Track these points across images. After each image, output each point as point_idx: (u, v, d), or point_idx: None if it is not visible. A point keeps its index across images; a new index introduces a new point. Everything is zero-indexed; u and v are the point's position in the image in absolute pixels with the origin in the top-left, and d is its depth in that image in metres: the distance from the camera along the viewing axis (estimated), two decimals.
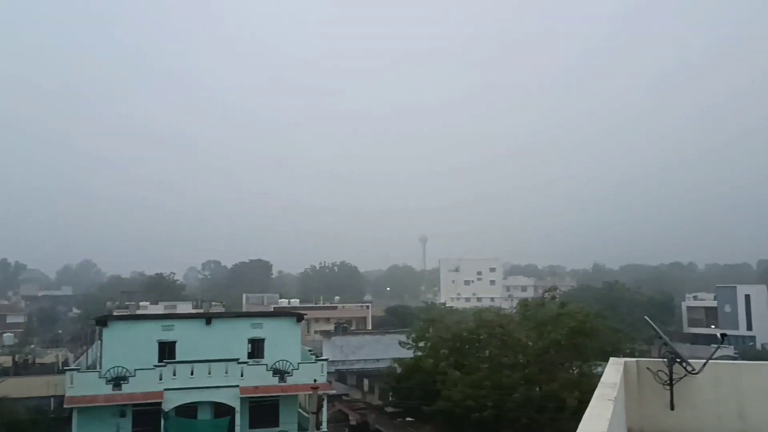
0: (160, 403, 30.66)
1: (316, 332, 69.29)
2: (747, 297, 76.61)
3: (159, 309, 67.76)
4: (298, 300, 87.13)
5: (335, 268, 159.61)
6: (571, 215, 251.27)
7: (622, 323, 56.45)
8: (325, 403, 34.11)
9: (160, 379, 31.18)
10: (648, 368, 7.14)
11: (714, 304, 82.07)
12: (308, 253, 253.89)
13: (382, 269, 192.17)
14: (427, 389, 36.16)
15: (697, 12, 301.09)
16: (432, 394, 35.18)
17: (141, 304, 70.95)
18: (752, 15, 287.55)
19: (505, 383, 32.17)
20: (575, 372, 33.84)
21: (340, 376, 52.21)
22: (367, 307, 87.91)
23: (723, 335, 11.44)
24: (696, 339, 72.25)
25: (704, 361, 6.97)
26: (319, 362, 35.33)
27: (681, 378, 6.94)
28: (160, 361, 32.34)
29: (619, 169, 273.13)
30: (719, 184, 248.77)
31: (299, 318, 37.22)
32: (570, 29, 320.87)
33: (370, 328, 75.83)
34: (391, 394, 44.08)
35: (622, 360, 7.36)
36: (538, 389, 32.74)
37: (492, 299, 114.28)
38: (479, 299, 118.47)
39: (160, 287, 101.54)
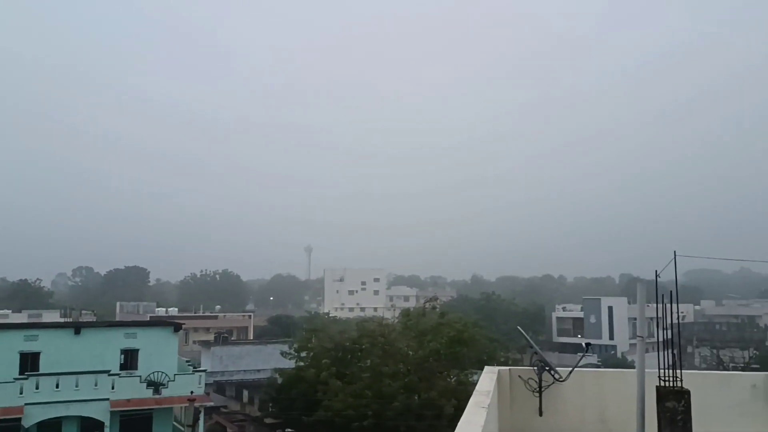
0: (19, 419, 28.61)
1: (195, 342, 67.38)
2: (610, 308, 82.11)
3: (22, 318, 63.56)
4: (176, 309, 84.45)
5: (217, 276, 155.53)
6: (453, 227, 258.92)
7: (498, 332, 58.72)
8: (202, 416, 33.10)
9: (21, 393, 29.15)
10: (520, 376, 7.53)
11: (581, 314, 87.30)
12: (189, 261, 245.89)
13: (266, 278, 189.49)
14: (308, 399, 35.96)
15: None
16: (313, 405, 35.03)
17: (1, 312, 66.17)
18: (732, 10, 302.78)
19: (386, 392, 32.58)
20: (453, 380, 34.81)
21: (219, 387, 50.91)
22: (250, 316, 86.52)
23: (587, 344, 12.29)
24: (564, 348, 76.48)
25: (570, 369, 7.44)
26: (197, 373, 34.33)
27: (549, 385, 7.38)
28: (21, 373, 30.27)
29: (495, 187, 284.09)
30: (586, 204, 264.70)
31: (177, 328, 36.02)
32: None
33: (251, 338, 74.71)
34: (271, 405, 43.45)
35: (496, 368, 7.72)
36: (417, 397, 33.37)
37: (375, 309, 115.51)
38: (363, 309, 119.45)
39: (24, 294, 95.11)
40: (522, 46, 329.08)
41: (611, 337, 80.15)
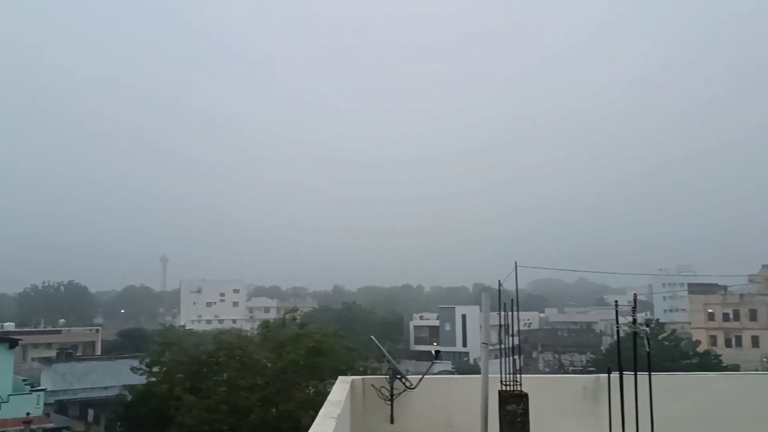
0: None
1: (34, 359, 62.27)
2: (464, 317, 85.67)
3: None
4: (13, 323, 77.74)
5: (61, 287, 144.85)
6: (315, 238, 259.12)
7: (358, 342, 59.17)
8: None
9: None
10: (372, 385, 7.64)
11: (437, 323, 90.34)
12: (30, 271, 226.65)
13: (117, 289, 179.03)
14: (159, 416, 34.30)
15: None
16: (165, 421, 33.47)
17: None
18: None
19: (243, 405, 31.85)
20: (311, 391, 34.68)
21: (61, 407, 47.28)
22: (97, 330, 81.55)
23: (437, 352, 12.73)
24: (421, 355, 78.58)
25: (420, 376, 7.66)
26: (35, 393, 31.78)
27: (400, 393, 7.55)
28: None
29: (359, 200, 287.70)
30: (442, 216, 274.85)
31: (12, 344, 33.16)
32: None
33: (99, 353, 70.47)
34: (119, 423, 40.99)
35: (349, 378, 7.79)
36: (275, 410, 32.93)
37: (234, 321, 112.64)
38: (221, 321, 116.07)
39: None
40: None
41: (465, 344, 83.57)
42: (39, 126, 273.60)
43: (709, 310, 76.74)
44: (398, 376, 7.48)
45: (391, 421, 7.49)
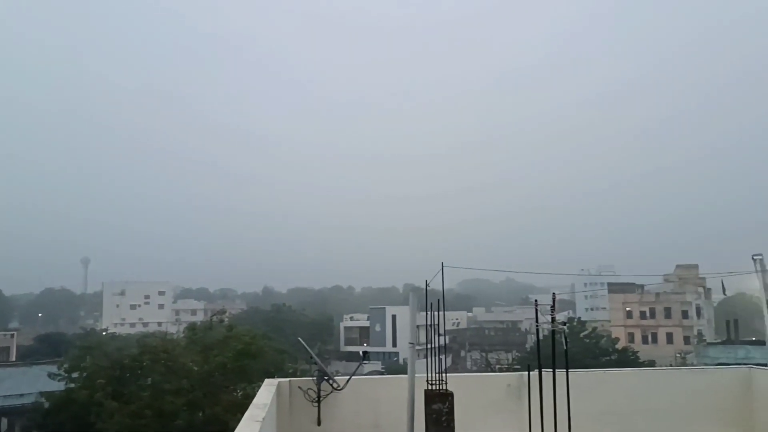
0: None
1: None
2: (394, 317, 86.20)
3: None
4: None
5: None
6: (243, 239, 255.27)
7: (288, 344, 58.75)
8: None
9: None
10: (299, 387, 7.63)
11: (367, 324, 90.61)
12: None
13: (35, 292, 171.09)
14: (80, 423, 33.05)
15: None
16: (86, 428, 32.29)
17: None
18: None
19: (168, 410, 31.06)
20: (239, 394, 34.20)
21: None
22: (12, 335, 77.70)
23: (365, 353, 12.78)
24: (351, 357, 78.72)
25: (347, 377, 7.71)
26: None
27: (327, 394, 7.57)
28: None
29: (291, 200, 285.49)
30: (372, 217, 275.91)
31: None
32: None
33: (14, 359, 67.23)
34: None
35: (276, 381, 7.74)
36: (201, 414, 32.30)
37: (159, 324, 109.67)
38: (146, 324, 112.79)
39: None
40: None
41: (395, 345, 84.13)
42: None
43: (628, 309, 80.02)
44: (325, 378, 7.50)
45: (318, 423, 7.50)
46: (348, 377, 7.72)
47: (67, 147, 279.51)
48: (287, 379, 7.93)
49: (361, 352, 14.06)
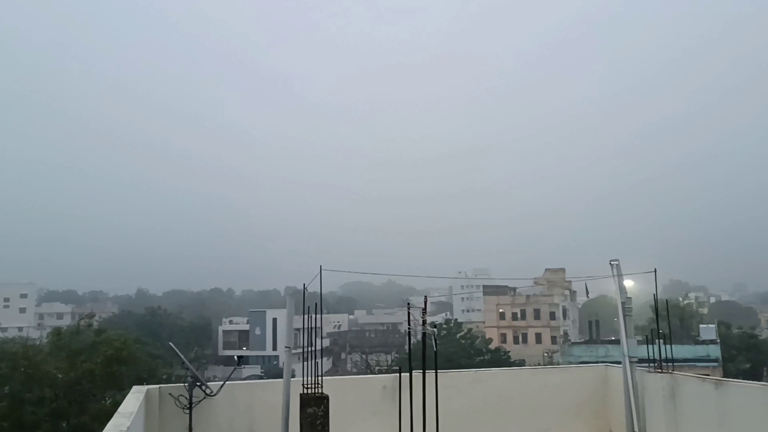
0: None
1: None
2: (275, 320, 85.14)
3: None
4: None
5: None
6: (116, 239, 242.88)
7: (163, 348, 56.61)
8: None
9: None
10: (170, 394, 7.34)
11: (247, 327, 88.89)
12: None
13: None
14: None
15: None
16: None
17: None
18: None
19: (28, 420, 28.89)
20: (108, 402, 32.45)
21: None
22: None
23: (239, 357, 12.57)
24: (229, 361, 76.77)
25: (221, 383, 7.51)
26: None
27: (200, 401, 7.34)
28: None
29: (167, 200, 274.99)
30: (252, 219, 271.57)
31: None
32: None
33: None
34: None
35: (145, 387, 7.42)
36: (65, 423, 30.37)
37: (20, 329, 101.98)
38: (4, 330, 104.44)
39: None
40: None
41: (275, 348, 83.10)
42: None
43: (501, 310, 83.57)
44: (198, 384, 7.27)
45: (189, 431, 7.26)
46: (222, 382, 7.53)
47: None
48: (157, 386, 7.61)
49: (235, 357, 13.76)
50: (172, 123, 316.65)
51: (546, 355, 67.00)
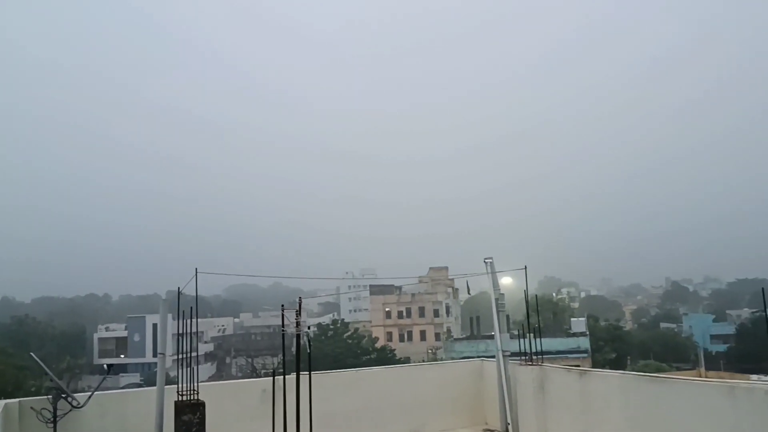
0: None
1: None
2: (154, 326, 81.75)
3: None
4: None
5: None
6: None
7: (32, 359, 53.02)
8: None
9: None
10: (32, 407, 6.88)
11: (125, 334, 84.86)
12: None
13: None
14: None
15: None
16: None
17: None
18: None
19: None
20: None
21: None
22: None
23: (109, 366, 11.99)
24: (105, 370, 73.02)
25: (89, 393, 7.13)
26: None
27: (66, 413, 6.92)
28: None
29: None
30: (143, 222, 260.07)
31: None
32: None
33: None
34: None
35: (3, 402, 6.91)
36: None
37: None
38: None
39: None
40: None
41: (155, 355, 79.72)
42: None
43: (387, 309, 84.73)
44: (63, 395, 6.85)
45: None
46: (90, 393, 7.14)
47: None
48: (16, 400, 7.10)
49: (105, 366, 13.13)
50: None
51: (430, 351, 68.67)
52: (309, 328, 6.40)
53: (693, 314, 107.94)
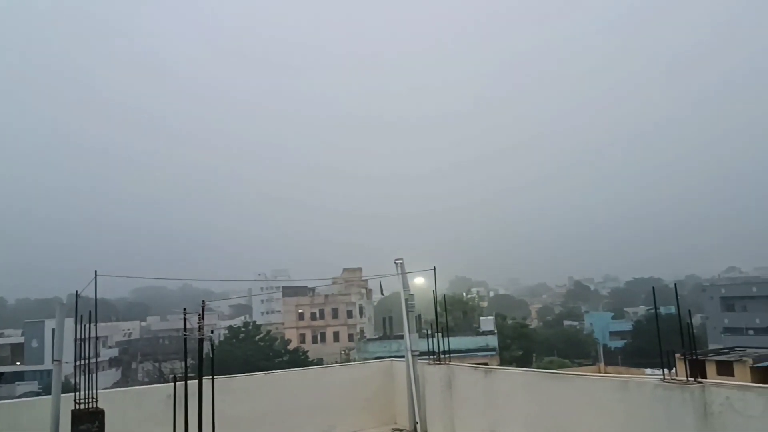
0: None
1: None
2: (53, 331, 77.66)
3: None
4: None
5: None
6: None
7: None
8: None
9: None
10: None
11: (22, 340, 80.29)
12: None
13: None
14: None
15: None
16: None
17: None
18: None
19: None
20: None
21: None
22: None
23: (0, 374, 11.27)
24: None
25: None
26: None
27: None
28: None
29: None
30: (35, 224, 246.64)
31: None
32: None
33: None
34: None
35: None
36: None
37: None
38: None
39: None
40: None
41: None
42: None
43: (300, 311, 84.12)
44: None
45: None
46: None
47: None
48: None
49: None
50: None
51: (343, 352, 68.65)
52: (212, 332, 6.26)
53: (594, 312, 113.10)
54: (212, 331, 6.22)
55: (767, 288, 78.89)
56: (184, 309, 6.64)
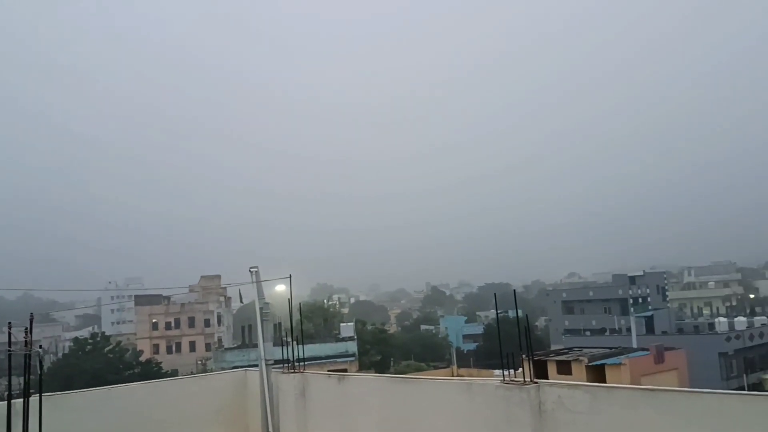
0: None
1: None
2: None
3: None
4: None
5: None
6: None
7: None
8: None
9: None
10: None
11: None
12: None
13: None
14: None
15: None
16: None
17: None
18: None
19: None
20: None
21: None
22: None
23: None
24: None
25: None
26: None
27: None
28: None
29: None
30: None
31: None
32: None
33: None
34: None
35: None
36: None
37: None
38: None
39: None
40: None
41: None
42: None
43: (154, 320, 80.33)
44: None
45: None
46: None
47: None
48: None
49: None
50: None
51: (199, 363, 66.43)
52: (41, 347, 5.87)
53: (449, 316, 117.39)
54: (41, 346, 5.81)
55: (602, 292, 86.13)
56: (9, 323, 6.16)
